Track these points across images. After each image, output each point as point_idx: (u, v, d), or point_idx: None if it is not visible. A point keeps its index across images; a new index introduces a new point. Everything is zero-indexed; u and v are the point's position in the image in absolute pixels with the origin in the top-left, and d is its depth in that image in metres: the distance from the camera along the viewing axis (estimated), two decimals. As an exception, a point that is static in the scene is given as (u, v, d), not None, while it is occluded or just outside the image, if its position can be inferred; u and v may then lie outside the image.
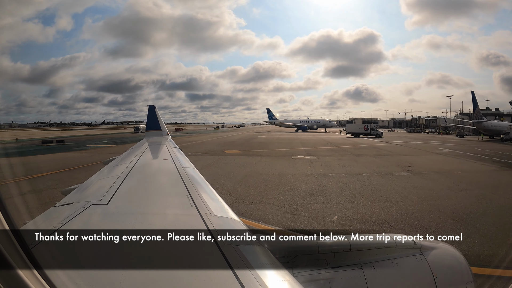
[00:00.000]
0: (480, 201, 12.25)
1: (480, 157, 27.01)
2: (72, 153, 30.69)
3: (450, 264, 3.15)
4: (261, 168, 20.51)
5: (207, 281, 1.74)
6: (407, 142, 45.38)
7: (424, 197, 12.91)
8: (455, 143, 46.34)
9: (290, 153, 29.81)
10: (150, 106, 11.52)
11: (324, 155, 28.23)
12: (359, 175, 17.73)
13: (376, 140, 49.10)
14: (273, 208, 11.25)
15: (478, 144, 44.89)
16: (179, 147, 7.91)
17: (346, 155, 28.05)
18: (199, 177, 4.15)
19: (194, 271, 1.81)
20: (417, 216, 10.24)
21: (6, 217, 1.74)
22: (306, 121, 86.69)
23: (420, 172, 18.96)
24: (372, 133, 58.11)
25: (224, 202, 3.05)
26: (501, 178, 17.80)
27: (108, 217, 2.62)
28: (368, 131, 58.70)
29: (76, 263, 1.95)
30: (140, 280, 1.73)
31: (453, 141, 50.20)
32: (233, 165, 21.59)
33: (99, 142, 45.17)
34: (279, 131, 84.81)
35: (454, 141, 51.77)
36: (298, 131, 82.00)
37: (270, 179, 16.59)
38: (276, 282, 1.85)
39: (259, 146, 37.26)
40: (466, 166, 21.81)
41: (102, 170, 5.01)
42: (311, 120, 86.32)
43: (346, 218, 10.16)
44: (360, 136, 57.45)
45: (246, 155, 28.44)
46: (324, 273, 2.95)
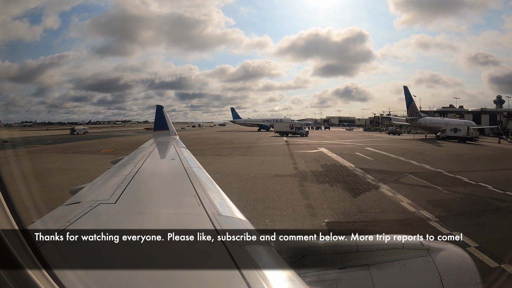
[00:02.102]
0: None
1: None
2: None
3: (458, 265, 3.13)
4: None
5: (214, 281, 1.75)
6: (318, 142, 43.11)
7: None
8: (380, 142, 44.31)
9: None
10: (158, 106, 11.55)
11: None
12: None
13: (292, 140, 46.93)
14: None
15: (397, 143, 42.64)
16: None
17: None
18: (206, 177, 4.15)
19: (201, 271, 1.82)
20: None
21: (15, 216, 1.75)
22: (268, 120, 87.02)
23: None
24: (297, 132, 57.88)
25: (231, 202, 3.05)
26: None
27: (116, 216, 2.64)
28: (293, 130, 58.44)
29: (84, 262, 1.96)
30: (148, 280, 1.74)
31: (380, 140, 48.15)
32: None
33: (44, 142, 44.15)
34: (238, 130, 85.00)
35: (381, 139, 49.87)
36: (261, 130, 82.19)
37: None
38: (283, 282, 1.85)
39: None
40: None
41: (110, 169, 5.04)
42: (273, 119, 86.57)
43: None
44: (288, 135, 56.92)
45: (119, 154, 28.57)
46: (331, 274, 2.95)
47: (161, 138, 10.25)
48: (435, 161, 23.69)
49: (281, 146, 36.30)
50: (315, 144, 38.97)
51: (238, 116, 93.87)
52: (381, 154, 28.55)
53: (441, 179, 16.66)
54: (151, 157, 6.02)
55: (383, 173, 18.32)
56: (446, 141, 46.85)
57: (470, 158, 26.68)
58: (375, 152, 29.67)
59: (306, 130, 59.64)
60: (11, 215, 1.74)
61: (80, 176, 17.22)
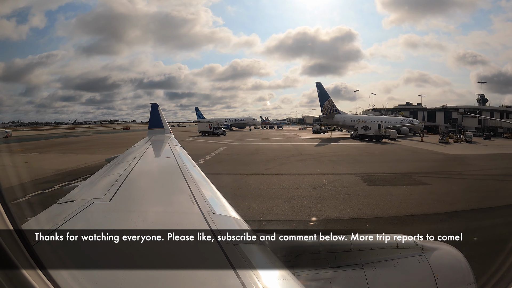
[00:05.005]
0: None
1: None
2: None
3: (451, 265, 3.15)
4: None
5: (209, 280, 1.75)
6: (215, 142, 41.84)
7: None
8: (267, 141, 42.63)
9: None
10: (153, 104, 11.50)
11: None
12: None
13: (203, 140, 45.26)
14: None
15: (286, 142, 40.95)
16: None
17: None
18: (201, 175, 4.15)
19: (196, 270, 1.81)
20: None
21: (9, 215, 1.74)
22: (230, 119, 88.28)
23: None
24: (214, 131, 58.69)
25: (225, 201, 3.05)
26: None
27: (110, 215, 2.62)
28: (211, 129, 59.23)
29: (78, 262, 1.95)
30: (142, 280, 1.73)
31: (279, 139, 46.43)
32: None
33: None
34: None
35: (283, 139, 48.45)
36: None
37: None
38: (277, 281, 1.85)
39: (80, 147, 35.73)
40: None
41: (104, 167, 5.02)
42: (234, 119, 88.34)
43: None
44: (206, 135, 57.46)
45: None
46: (325, 273, 2.96)
47: (155, 136, 10.21)
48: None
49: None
50: (204, 143, 38.73)
51: (202, 116, 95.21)
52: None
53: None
54: (146, 155, 6.01)
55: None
56: (358, 141, 44.07)
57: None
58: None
59: (223, 130, 60.73)
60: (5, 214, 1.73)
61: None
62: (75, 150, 31.33)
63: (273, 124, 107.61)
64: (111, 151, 28.59)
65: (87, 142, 42.35)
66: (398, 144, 40.65)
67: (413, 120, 62.43)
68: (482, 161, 25.65)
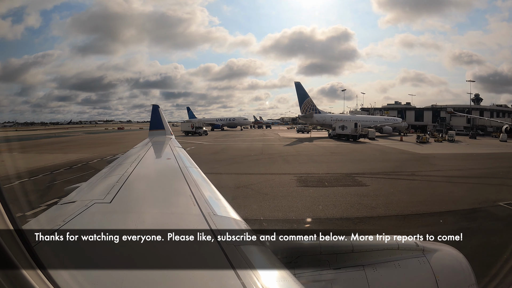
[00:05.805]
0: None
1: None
2: None
3: (452, 266, 3.14)
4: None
5: (209, 281, 1.74)
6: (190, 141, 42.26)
7: None
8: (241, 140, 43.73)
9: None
10: (154, 106, 11.51)
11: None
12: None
13: (180, 140, 45.13)
14: None
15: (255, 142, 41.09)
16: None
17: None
18: (201, 177, 4.14)
19: (196, 271, 1.81)
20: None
21: (10, 215, 1.74)
22: (221, 119, 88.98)
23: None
24: (196, 131, 59.41)
25: (226, 202, 3.05)
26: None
27: (111, 216, 2.62)
28: (193, 129, 59.91)
29: (79, 262, 1.95)
30: (143, 280, 1.73)
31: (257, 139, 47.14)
32: None
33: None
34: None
35: (259, 138, 48.99)
36: (214, 130, 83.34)
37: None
38: (278, 282, 1.85)
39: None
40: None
41: (105, 168, 5.02)
42: (226, 118, 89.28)
43: None
44: (189, 134, 58.11)
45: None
46: (326, 274, 2.95)
47: (156, 137, 10.21)
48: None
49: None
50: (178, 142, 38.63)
51: (194, 116, 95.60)
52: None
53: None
54: (147, 156, 6.01)
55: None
56: (334, 140, 44.19)
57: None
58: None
59: (204, 130, 61.43)
60: (5, 214, 1.73)
61: None
62: (53, 150, 31.55)
63: (262, 124, 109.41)
64: (87, 151, 29.09)
65: (70, 143, 42.58)
66: (373, 143, 40.44)
67: (396, 119, 62.18)
68: (448, 161, 25.01)
